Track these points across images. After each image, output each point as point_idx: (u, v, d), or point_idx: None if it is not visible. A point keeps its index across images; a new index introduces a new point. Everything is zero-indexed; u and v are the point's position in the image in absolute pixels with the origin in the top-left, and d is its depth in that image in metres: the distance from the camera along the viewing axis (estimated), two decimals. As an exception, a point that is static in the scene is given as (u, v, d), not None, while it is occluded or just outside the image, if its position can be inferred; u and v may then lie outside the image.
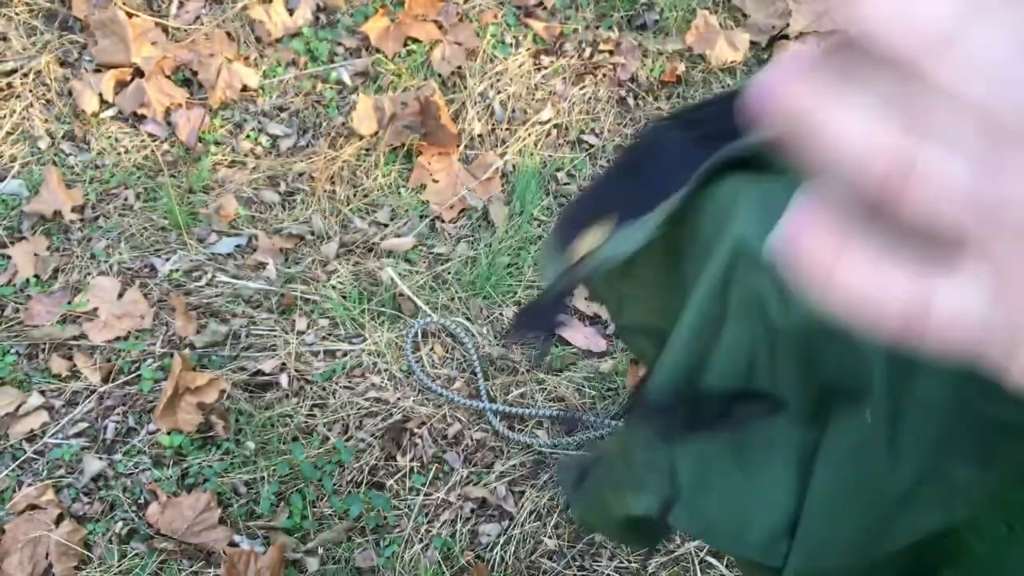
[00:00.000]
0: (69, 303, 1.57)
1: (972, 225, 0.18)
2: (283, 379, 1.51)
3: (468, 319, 1.59)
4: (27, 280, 1.59)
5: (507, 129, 1.85)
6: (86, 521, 1.37)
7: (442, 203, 1.74)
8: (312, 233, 1.69)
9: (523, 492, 1.42)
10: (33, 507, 1.36)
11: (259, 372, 1.52)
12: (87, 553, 1.33)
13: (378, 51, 1.93)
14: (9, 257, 1.62)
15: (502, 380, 1.53)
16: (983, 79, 0.17)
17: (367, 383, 1.51)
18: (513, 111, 1.87)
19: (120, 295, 1.59)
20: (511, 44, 1.96)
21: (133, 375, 1.51)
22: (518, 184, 1.75)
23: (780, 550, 0.43)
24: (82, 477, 1.40)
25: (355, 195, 1.75)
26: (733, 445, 0.42)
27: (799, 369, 0.40)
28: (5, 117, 1.78)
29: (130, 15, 1.87)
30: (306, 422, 1.47)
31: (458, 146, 1.82)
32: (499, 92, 1.88)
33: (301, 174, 1.77)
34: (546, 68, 1.93)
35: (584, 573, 1.34)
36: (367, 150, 1.81)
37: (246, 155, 1.80)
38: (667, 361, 0.42)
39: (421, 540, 1.36)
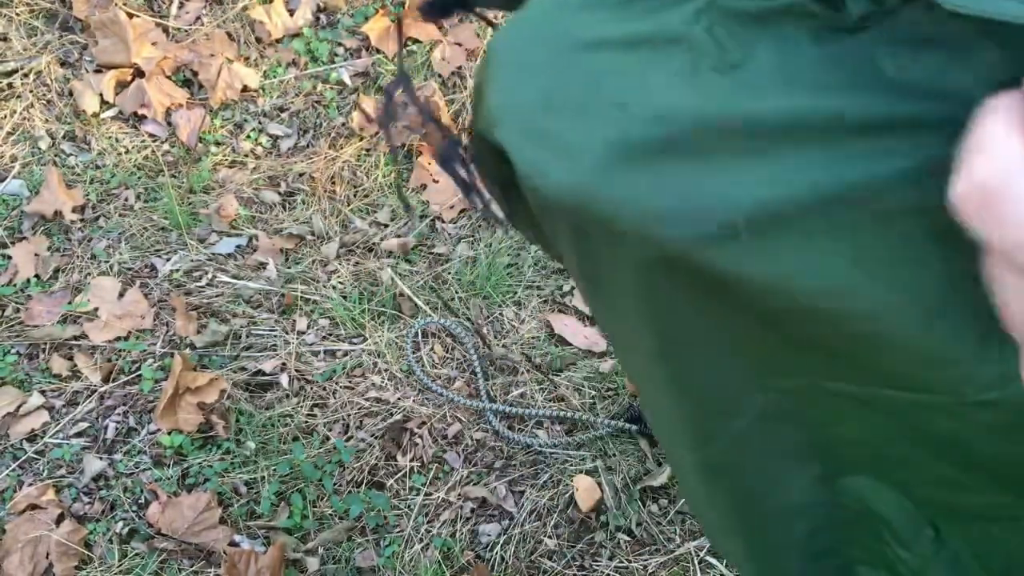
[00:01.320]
0: (70, 303, 1.57)
1: None
2: (283, 379, 1.51)
3: (468, 319, 1.59)
4: (28, 280, 1.59)
5: (507, 129, 1.85)
6: (87, 521, 1.37)
7: (442, 203, 1.74)
8: (312, 233, 1.69)
9: (523, 492, 1.42)
10: (34, 507, 1.36)
11: (259, 372, 1.52)
12: (87, 553, 1.33)
13: (378, 51, 1.93)
14: (10, 257, 1.62)
15: (502, 380, 1.53)
16: None
17: (367, 383, 1.52)
18: (513, 111, 1.87)
19: (121, 295, 1.59)
20: (511, 44, 1.96)
21: (134, 375, 1.51)
22: (518, 184, 1.75)
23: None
24: (83, 477, 1.40)
25: (355, 195, 1.75)
26: None
27: None
28: (6, 117, 1.78)
29: (131, 15, 1.87)
30: (306, 422, 1.47)
31: (458, 146, 1.82)
32: (499, 92, 1.89)
33: (301, 174, 1.78)
34: (546, 68, 1.93)
35: (584, 573, 1.34)
36: (367, 150, 1.81)
37: (246, 155, 1.80)
38: None
39: (421, 540, 1.36)
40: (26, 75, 1.83)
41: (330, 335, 1.57)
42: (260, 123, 1.85)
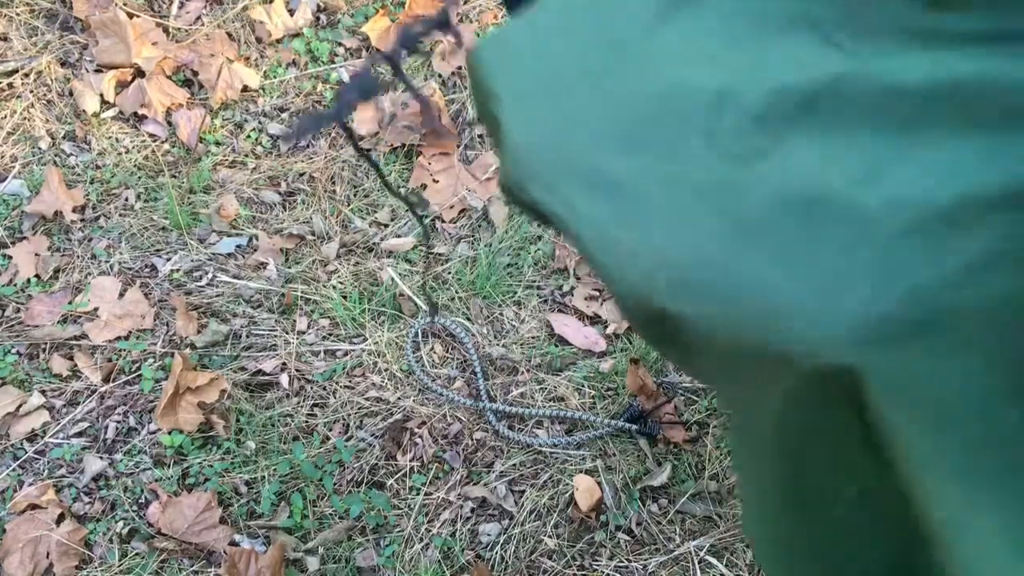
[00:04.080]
0: (70, 303, 1.57)
1: None
2: (284, 379, 1.51)
3: (468, 319, 1.60)
4: (28, 280, 1.59)
5: (507, 129, 1.85)
6: (87, 521, 1.37)
7: (442, 203, 1.74)
8: (312, 233, 1.69)
9: (523, 492, 1.42)
10: (34, 507, 1.36)
11: (260, 372, 1.52)
12: (88, 553, 1.33)
13: (379, 52, 1.93)
14: (10, 257, 1.62)
15: (502, 380, 1.53)
16: None
17: (367, 383, 1.52)
18: (513, 111, 1.87)
19: (121, 295, 1.59)
20: (511, 45, 1.96)
21: (134, 375, 1.51)
22: (518, 184, 1.75)
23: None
24: (83, 477, 1.40)
25: (355, 195, 1.75)
26: None
27: None
28: (6, 117, 1.78)
29: (131, 15, 1.87)
30: (307, 422, 1.47)
31: (458, 146, 1.82)
32: (499, 92, 1.89)
33: (301, 174, 1.78)
34: (546, 69, 1.93)
35: (584, 572, 1.34)
36: (367, 150, 1.81)
37: (247, 155, 1.80)
38: None
39: (421, 539, 1.36)
40: (26, 75, 1.83)
41: (330, 335, 1.57)
42: (260, 123, 1.85)
